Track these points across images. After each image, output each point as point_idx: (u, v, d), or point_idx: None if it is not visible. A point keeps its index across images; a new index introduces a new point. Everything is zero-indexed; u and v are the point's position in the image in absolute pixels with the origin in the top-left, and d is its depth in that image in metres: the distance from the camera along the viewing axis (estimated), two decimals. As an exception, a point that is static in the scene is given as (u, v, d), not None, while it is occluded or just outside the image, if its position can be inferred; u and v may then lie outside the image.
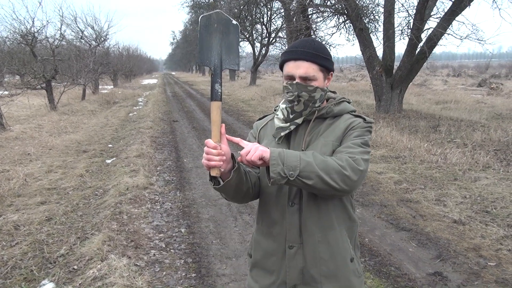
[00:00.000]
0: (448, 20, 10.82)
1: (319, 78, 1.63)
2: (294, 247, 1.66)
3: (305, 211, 1.64)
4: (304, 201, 1.64)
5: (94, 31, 25.09)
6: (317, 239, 1.65)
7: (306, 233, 1.65)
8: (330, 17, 14.46)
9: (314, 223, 1.64)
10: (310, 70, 1.60)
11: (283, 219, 1.67)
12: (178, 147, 9.36)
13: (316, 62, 1.61)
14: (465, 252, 4.00)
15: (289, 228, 1.66)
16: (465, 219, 4.80)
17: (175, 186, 6.32)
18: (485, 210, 5.07)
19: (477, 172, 6.58)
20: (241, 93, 24.30)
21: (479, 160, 7.09)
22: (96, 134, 10.96)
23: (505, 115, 12.87)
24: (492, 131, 9.02)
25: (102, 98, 21.41)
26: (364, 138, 1.62)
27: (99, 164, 7.66)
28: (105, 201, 5.50)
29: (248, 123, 12.71)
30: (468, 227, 4.59)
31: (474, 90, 24.09)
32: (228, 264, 3.85)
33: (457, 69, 48.82)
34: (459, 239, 4.28)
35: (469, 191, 5.77)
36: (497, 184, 5.97)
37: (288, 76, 1.63)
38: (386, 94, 12.47)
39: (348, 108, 1.73)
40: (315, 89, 1.62)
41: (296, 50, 1.62)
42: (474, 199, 5.44)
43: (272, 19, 28.45)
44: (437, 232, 4.47)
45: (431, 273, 3.63)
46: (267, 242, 1.73)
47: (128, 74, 43.71)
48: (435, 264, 3.80)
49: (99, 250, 3.95)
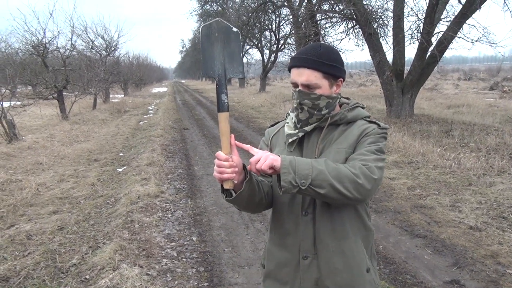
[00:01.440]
0: (459, 23, 10.72)
1: (324, 86, 1.58)
2: (308, 257, 1.62)
3: (319, 220, 1.60)
4: (318, 211, 1.60)
5: (104, 40, 25.34)
6: (332, 249, 1.60)
7: (320, 243, 1.61)
8: (338, 22, 14.44)
9: (329, 233, 1.60)
10: (312, 78, 1.56)
11: (297, 229, 1.63)
12: (189, 154, 9.36)
13: (319, 69, 1.56)
14: (483, 259, 3.91)
15: (303, 238, 1.62)
16: (481, 225, 4.70)
17: (186, 194, 6.30)
18: (501, 216, 4.96)
19: (492, 177, 6.46)
20: (251, 100, 24.31)
21: (494, 164, 6.97)
22: (107, 143, 11.02)
23: (519, 119, 12.68)
24: (506, 135, 8.88)
25: (113, 107, 21.56)
26: (379, 145, 1.57)
27: (110, 173, 7.68)
28: (117, 209, 5.50)
29: (258, 130, 12.69)
30: (485, 233, 4.49)
31: (486, 94, 23.83)
32: (240, 272, 3.80)
33: (468, 72, 48.38)
34: (476, 246, 4.19)
35: (484, 196, 5.67)
36: (513, 189, 5.85)
37: (292, 83, 1.62)
38: (397, 99, 12.37)
39: (362, 114, 1.68)
40: (318, 97, 1.57)
41: (299, 57, 1.59)
42: (490, 205, 5.34)
43: (281, 26, 28.58)
44: (453, 239, 4.38)
45: (448, 281, 3.55)
46: (281, 253, 1.69)
47: (138, 83, 44.06)
48: (451, 271, 3.72)
49: (111, 259, 3.93)
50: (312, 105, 1.58)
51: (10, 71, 13.22)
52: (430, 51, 11.39)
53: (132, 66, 39.26)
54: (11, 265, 3.97)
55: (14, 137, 10.82)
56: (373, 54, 12.54)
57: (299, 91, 1.57)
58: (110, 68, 24.54)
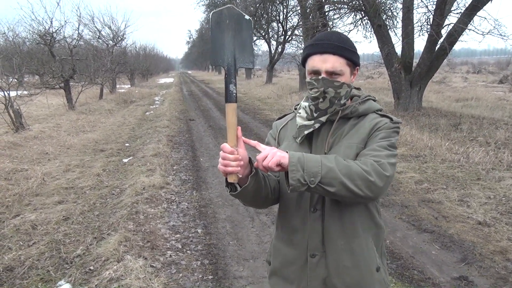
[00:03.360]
0: (470, 15, 10.55)
1: (346, 73, 1.52)
2: (316, 255, 1.57)
3: (328, 217, 1.55)
4: (327, 207, 1.55)
5: (111, 30, 25.29)
6: (341, 247, 1.55)
7: (329, 241, 1.55)
8: (347, 13, 14.27)
9: (338, 230, 1.54)
10: (337, 64, 1.49)
11: (305, 226, 1.58)
12: (195, 146, 9.33)
13: (343, 55, 1.50)
14: (492, 256, 3.84)
15: (310, 236, 1.57)
16: (490, 220, 4.63)
17: (192, 185, 6.27)
18: (511, 212, 4.89)
19: (501, 172, 6.37)
20: (257, 91, 24.21)
21: (503, 159, 6.87)
22: (113, 133, 11.01)
23: (529, 113, 12.51)
24: (516, 129, 8.75)
25: (119, 97, 21.57)
26: (391, 140, 1.51)
27: (116, 163, 7.66)
28: (122, 200, 5.48)
29: (264, 121, 12.62)
30: (494, 229, 4.42)
31: (495, 87, 23.55)
32: (245, 266, 3.77)
33: (477, 65, 47.84)
34: (484, 242, 4.13)
35: (493, 191, 5.58)
36: (522, 184, 5.76)
37: (313, 71, 1.52)
38: (405, 91, 12.23)
39: (374, 107, 1.61)
40: (341, 84, 1.51)
41: (322, 43, 1.51)
42: (499, 200, 5.26)
43: (288, 17, 28.29)
44: (461, 234, 4.31)
45: (456, 277, 3.50)
46: (287, 250, 1.64)
47: (145, 73, 44.03)
48: (460, 267, 3.66)
49: (116, 250, 3.91)
50: (334, 94, 1.51)
51: (17, 60, 13.21)
52: (439, 43, 11.22)
53: (139, 56, 39.22)
54: (16, 255, 3.97)
55: (20, 126, 10.84)
56: (381, 46, 12.38)
57: (322, 79, 1.50)
58: (117, 58, 24.50)
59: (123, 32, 26.08)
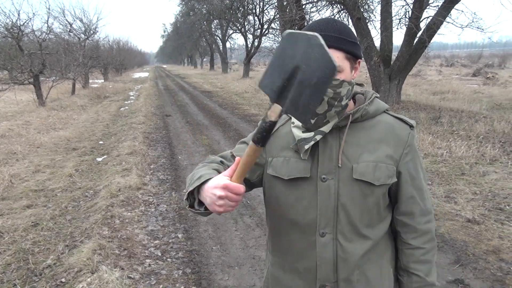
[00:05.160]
0: (447, 8, 10.52)
1: (346, 69, 1.24)
2: (327, 287, 1.34)
3: (341, 242, 1.31)
4: (340, 230, 1.31)
5: (83, 23, 24.56)
6: (356, 277, 1.33)
7: (342, 269, 1.32)
8: (325, 6, 14.10)
9: (353, 258, 1.32)
10: None
11: (312, 252, 1.34)
12: (172, 143, 9.01)
13: (342, 48, 1.23)
14: (485, 256, 3.72)
15: (320, 264, 1.33)
16: (479, 217, 4.53)
17: (170, 185, 5.98)
18: (498, 208, 4.80)
19: (484, 166, 6.32)
20: (234, 85, 23.90)
21: (486, 153, 6.83)
22: (86, 130, 10.57)
23: (505, 105, 12.66)
24: (496, 123, 8.76)
25: (93, 92, 20.92)
26: (422, 165, 1.39)
27: (90, 163, 7.30)
28: (96, 203, 5.16)
29: (243, 116, 12.36)
30: (484, 226, 4.31)
31: (469, 80, 23.92)
32: (230, 273, 3.54)
33: (450, 59, 48.75)
34: (476, 241, 4.01)
35: (478, 186, 5.51)
36: (507, 179, 5.71)
37: None
38: (384, 85, 12.17)
39: (382, 107, 1.38)
40: (341, 83, 1.22)
41: None
42: (485, 195, 5.18)
43: (265, 10, 27.99)
44: (452, 233, 4.19)
45: (452, 281, 3.35)
46: (291, 280, 1.40)
47: (119, 68, 43.10)
48: (454, 270, 3.52)
49: (89, 260, 3.62)
50: (333, 95, 1.22)
51: (-18, 55, 12.57)
52: (418, 36, 11.17)
53: (112, 50, 38.32)
54: (-21, 268, 3.63)
55: (-14, 124, 10.29)
56: (360, 39, 12.25)
57: None
58: (89, 52, 23.82)
59: (96, 26, 25.44)
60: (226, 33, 42.67)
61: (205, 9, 33.33)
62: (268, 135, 1.08)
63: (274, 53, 1.12)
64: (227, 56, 45.36)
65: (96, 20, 33.02)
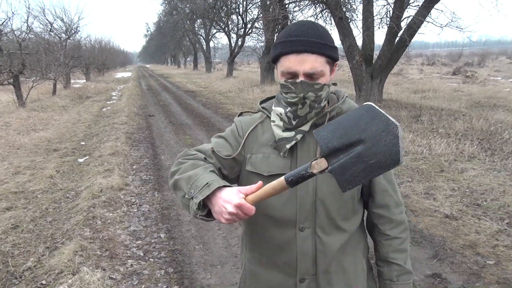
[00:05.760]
0: (428, 7, 10.69)
1: (326, 73, 1.29)
2: (306, 279, 1.38)
3: (320, 236, 1.36)
4: (318, 224, 1.35)
5: (64, 23, 24.23)
6: (334, 269, 1.38)
7: (321, 262, 1.37)
8: (308, 6, 14.19)
9: (331, 250, 1.37)
10: (317, 65, 1.25)
11: (291, 246, 1.37)
12: (155, 143, 8.97)
13: (324, 53, 1.26)
14: (462, 250, 3.81)
15: (300, 258, 1.37)
16: (456, 213, 4.63)
17: (153, 186, 5.96)
18: (475, 203, 4.92)
19: (463, 163, 6.45)
20: (218, 85, 23.87)
21: (464, 150, 6.97)
22: (67, 131, 10.44)
23: (484, 103, 12.91)
24: (474, 120, 8.94)
25: (74, 92, 20.66)
26: None
27: (71, 164, 7.22)
28: (77, 204, 5.12)
29: (227, 116, 12.37)
30: (461, 222, 4.41)
31: (449, 79, 24.30)
32: (213, 272, 3.55)
33: (431, 57, 49.45)
34: (454, 236, 4.10)
35: (457, 183, 5.62)
36: (484, 175, 5.84)
37: (289, 73, 1.27)
38: (366, 84, 12.31)
39: (353, 105, 1.43)
40: (322, 87, 1.27)
41: (298, 40, 1.24)
42: (463, 192, 5.29)
43: (248, 9, 28.01)
44: (431, 229, 4.27)
45: (429, 275, 3.43)
46: (270, 275, 1.43)
47: (101, 68, 42.64)
48: (432, 264, 3.60)
49: (70, 261, 3.59)
50: (315, 98, 1.28)
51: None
52: (399, 35, 11.33)
53: (94, 50, 37.88)
54: (-43, 271, 3.58)
55: (-36, 126, 10.09)
56: (343, 38, 12.37)
57: (301, 83, 1.25)
58: (71, 52, 23.50)
59: (77, 25, 25.11)
60: (210, 33, 42.56)
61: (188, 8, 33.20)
62: (302, 182, 1.13)
63: (348, 114, 1.15)
64: (211, 55, 45.23)
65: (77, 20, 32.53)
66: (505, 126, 8.25)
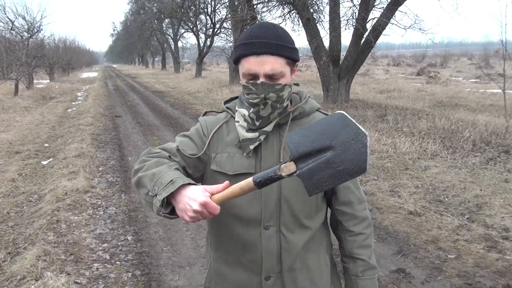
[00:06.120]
0: (392, 9, 10.97)
1: (287, 74, 1.31)
2: (271, 277, 1.39)
3: (284, 234, 1.38)
4: (283, 222, 1.37)
5: (26, 21, 23.38)
6: (299, 266, 1.40)
7: (286, 259, 1.38)
8: (276, 6, 14.28)
9: (295, 248, 1.38)
10: (277, 66, 1.27)
11: (256, 244, 1.38)
12: (122, 144, 8.82)
13: (284, 55, 1.29)
14: (425, 245, 3.93)
15: (265, 256, 1.38)
16: (420, 209, 4.77)
17: (120, 188, 5.86)
18: (438, 200, 5.07)
19: (426, 161, 6.64)
20: (187, 85, 23.70)
21: (428, 148, 7.19)
22: (30, 133, 10.12)
23: (446, 103, 13.34)
24: (437, 119, 9.23)
25: (37, 93, 20.04)
26: None
27: (34, 166, 7.01)
28: (41, 208, 4.97)
29: (195, 116, 12.30)
30: (424, 218, 4.55)
31: (414, 79, 24.99)
32: (181, 274, 3.53)
33: (396, 58, 50.68)
34: (417, 232, 4.22)
35: (420, 180, 5.79)
36: (446, 172, 6.04)
37: (250, 74, 1.29)
38: (334, 84, 12.50)
39: (315, 106, 1.47)
40: (283, 87, 1.30)
41: (258, 42, 1.27)
42: (426, 189, 5.45)
43: (216, 9, 27.92)
44: (395, 225, 4.39)
45: (394, 270, 3.52)
46: (236, 274, 1.43)
47: (66, 68, 41.54)
48: (396, 260, 3.70)
49: (33, 267, 3.49)
50: (276, 98, 1.30)
51: None
52: (365, 37, 11.57)
53: (58, 49, 36.81)
54: None
55: None
56: (310, 39, 12.53)
57: (262, 84, 1.27)
58: (33, 51, 22.73)
59: (40, 23, 24.22)
60: (178, 32, 42.20)
61: (156, 8, 32.74)
62: (270, 184, 1.15)
63: (320, 121, 1.16)
64: (179, 55, 44.85)
65: (40, 18, 31.51)
66: (466, 125, 8.55)
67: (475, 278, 3.34)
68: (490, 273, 3.41)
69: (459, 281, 3.32)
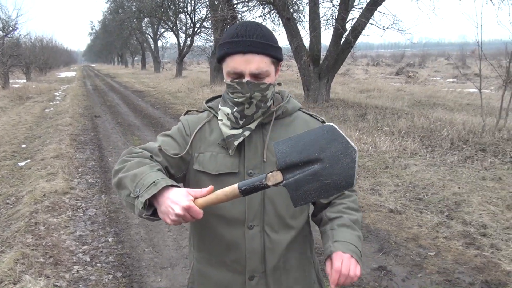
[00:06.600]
0: (371, 10, 11.10)
1: (272, 73, 1.32)
2: (255, 277, 1.38)
3: (268, 233, 1.37)
4: (267, 222, 1.37)
5: (1, 20, 22.93)
6: (282, 265, 1.40)
7: (270, 259, 1.38)
8: (256, 6, 14.30)
9: (279, 247, 1.38)
10: (262, 65, 1.28)
11: (240, 244, 1.37)
12: (102, 145, 8.70)
13: (269, 54, 1.29)
14: (405, 243, 3.99)
15: (249, 256, 1.37)
16: (400, 207, 4.83)
17: (100, 189, 5.78)
18: (417, 198, 5.15)
19: (406, 159, 6.74)
20: (167, 85, 23.52)
21: (407, 147, 7.29)
22: (6, 134, 9.89)
23: (424, 102, 13.56)
24: (416, 118, 9.37)
25: (14, 93, 19.61)
26: None
27: (11, 168, 6.86)
28: (18, 210, 4.86)
29: (176, 116, 12.21)
30: (405, 216, 4.61)
31: (393, 79, 25.34)
32: (163, 275, 3.50)
33: (375, 58, 51.30)
34: (398, 230, 4.28)
35: (400, 178, 5.87)
36: (425, 171, 6.14)
37: (235, 73, 1.29)
38: (314, 84, 12.58)
39: (297, 105, 1.48)
40: (267, 86, 1.30)
41: (243, 40, 1.26)
42: (406, 187, 5.53)
43: (197, 9, 27.76)
44: (376, 223, 4.44)
45: (376, 268, 3.56)
46: (219, 274, 1.42)
47: (43, 67, 40.78)
48: (378, 258, 3.74)
49: (11, 270, 3.41)
50: (261, 97, 1.31)
51: None
52: (344, 37, 11.68)
53: (35, 48, 36.20)
54: None
55: None
56: (290, 39, 12.58)
57: (247, 83, 1.27)
58: (9, 51, 22.32)
59: (15, 22, 23.79)
60: (158, 32, 41.81)
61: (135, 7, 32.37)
62: (255, 192, 1.14)
63: (309, 132, 1.16)
64: (159, 55, 44.45)
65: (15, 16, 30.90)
66: (444, 124, 8.72)
67: (455, 275, 3.41)
68: (469, 269, 3.48)
69: (439, 277, 3.38)
